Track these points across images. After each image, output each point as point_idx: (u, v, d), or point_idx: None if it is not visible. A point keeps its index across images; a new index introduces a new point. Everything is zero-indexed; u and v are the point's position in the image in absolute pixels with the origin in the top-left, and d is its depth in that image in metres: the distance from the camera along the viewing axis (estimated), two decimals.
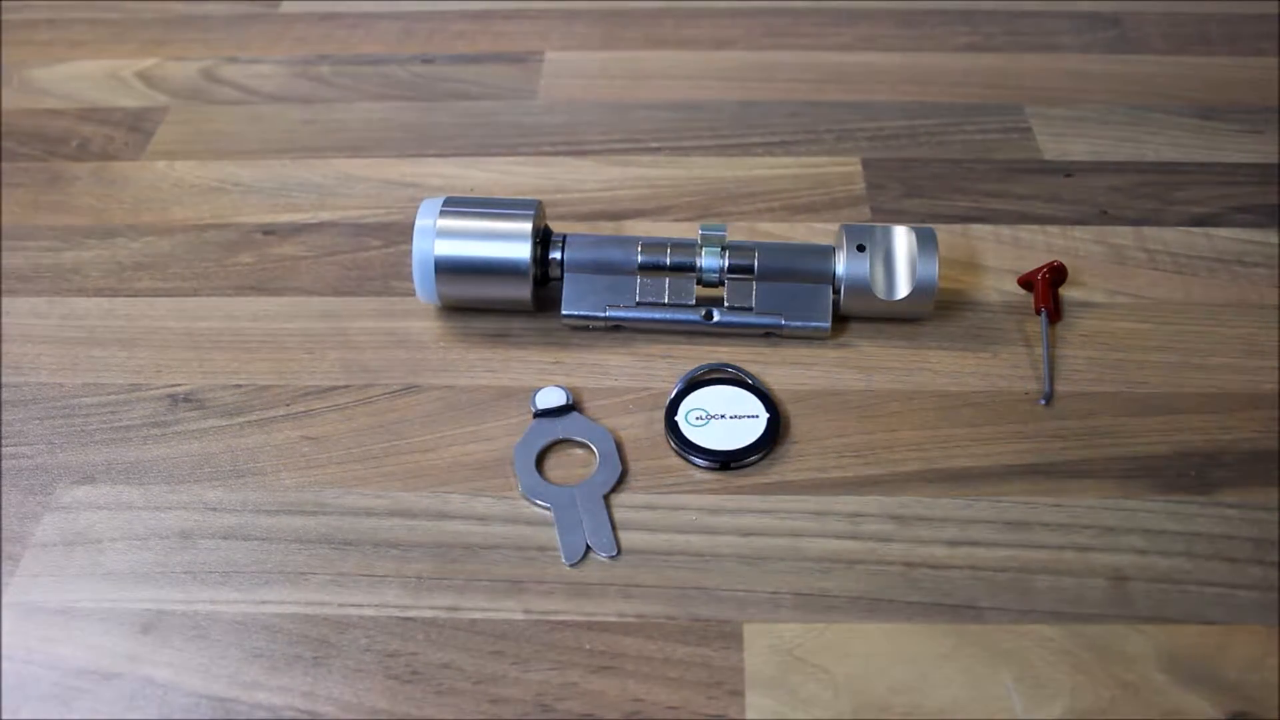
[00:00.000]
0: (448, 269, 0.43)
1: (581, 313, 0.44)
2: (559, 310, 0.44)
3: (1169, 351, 0.43)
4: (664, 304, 0.44)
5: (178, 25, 0.66)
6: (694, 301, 0.44)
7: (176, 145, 0.56)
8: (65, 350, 0.44)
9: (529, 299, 0.44)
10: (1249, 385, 0.42)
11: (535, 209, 0.43)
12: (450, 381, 0.43)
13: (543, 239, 0.44)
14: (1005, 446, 0.40)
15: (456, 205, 0.43)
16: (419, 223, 0.43)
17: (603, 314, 0.44)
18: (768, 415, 0.40)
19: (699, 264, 0.43)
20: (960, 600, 0.35)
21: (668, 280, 0.44)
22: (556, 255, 0.44)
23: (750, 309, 0.44)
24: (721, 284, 0.44)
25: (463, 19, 0.66)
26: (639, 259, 0.44)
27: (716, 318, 0.44)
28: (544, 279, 0.44)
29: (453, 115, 0.58)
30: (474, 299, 0.44)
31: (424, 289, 0.44)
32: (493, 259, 0.43)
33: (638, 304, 0.44)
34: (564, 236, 0.44)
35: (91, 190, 0.53)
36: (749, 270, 0.43)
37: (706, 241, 0.44)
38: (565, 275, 0.44)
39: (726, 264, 0.43)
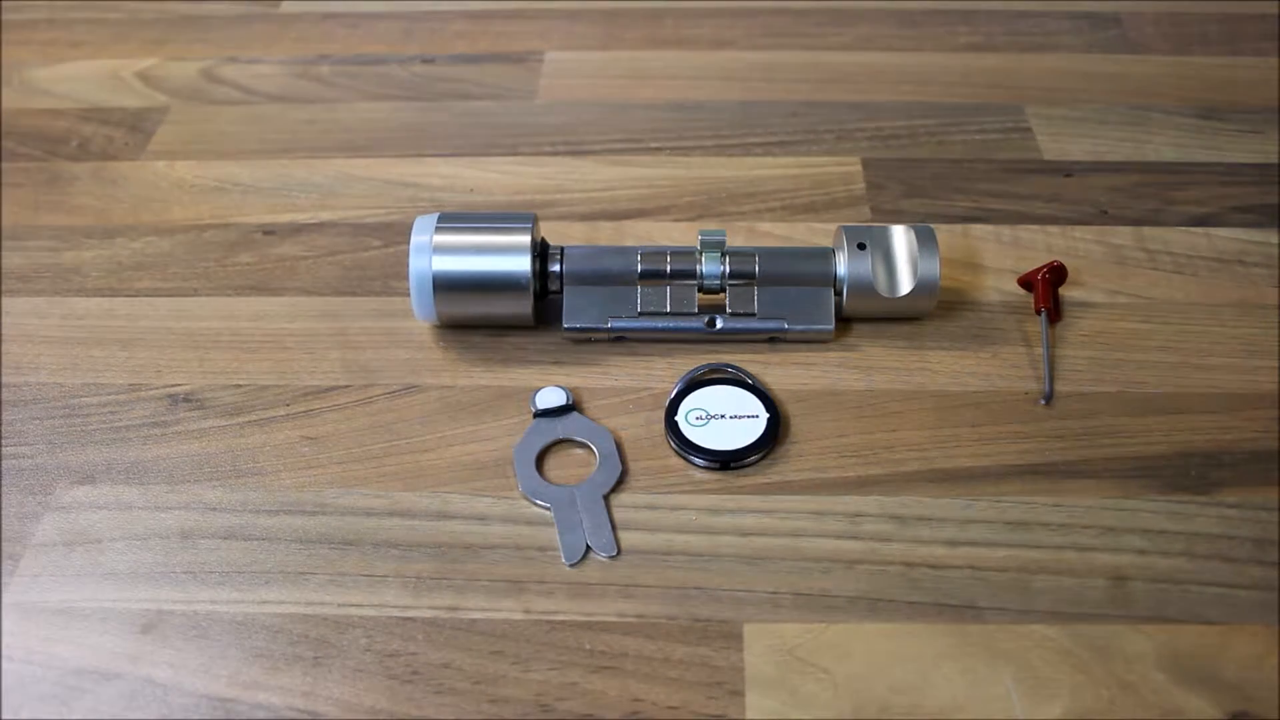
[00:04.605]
0: (446, 287, 0.42)
1: (584, 325, 0.43)
2: (559, 324, 0.43)
3: (1169, 351, 0.43)
4: (667, 313, 0.43)
5: (178, 25, 0.66)
6: (696, 309, 0.43)
7: (176, 145, 0.56)
8: (65, 350, 0.44)
9: (530, 314, 0.43)
10: (1249, 385, 0.42)
11: (532, 222, 0.43)
12: (450, 381, 0.43)
13: (540, 252, 0.43)
14: (1005, 446, 0.40)
15: (451, 221, 0.43)
16: (414, 240, 0.42)
17: (605, 326, 0.43)
18: (768, 415, 0.40)
19: (699, 270, 0.43)
20: (960, 600, 0.35)
21: (669, 289, 0.43)
22: (555, 268, 0.43)
23: (753, 314, 0.43)
24: (723, 290, 0.44)
25: (463, 19, 0.66)
26: (639, 268, 0.43)
27: (720, 325, 0.43)
28: (543, 293, 0.44)
29: (452, 115, 0.58)
30: (474, 316, 0.43)
31: (422, 308, 0.43)
32: (492, 274, 0.42)
33: (640, 314, 0.43)
34: (561, 249, 0.44)
35: (91, 190, 0.53)
36: (750, 275, 0.43)
37: (706, 247, 0.43)
38: (565, 288, 0.43)
39: (727, 269, 0.43)
